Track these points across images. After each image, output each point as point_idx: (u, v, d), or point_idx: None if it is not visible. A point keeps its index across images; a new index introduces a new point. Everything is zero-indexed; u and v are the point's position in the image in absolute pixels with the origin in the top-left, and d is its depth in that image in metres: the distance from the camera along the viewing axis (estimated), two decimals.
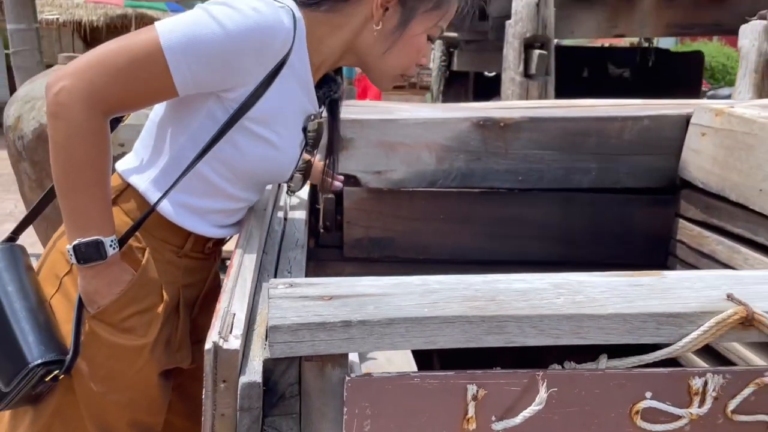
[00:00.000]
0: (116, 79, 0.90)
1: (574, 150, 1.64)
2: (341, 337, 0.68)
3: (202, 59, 0.92)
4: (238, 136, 1.00)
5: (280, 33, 0.94)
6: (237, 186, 1.06)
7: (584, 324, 0.72)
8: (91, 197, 0.94)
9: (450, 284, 0.78)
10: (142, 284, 1.02)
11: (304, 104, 1.08)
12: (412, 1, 1.04)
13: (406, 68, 1.12)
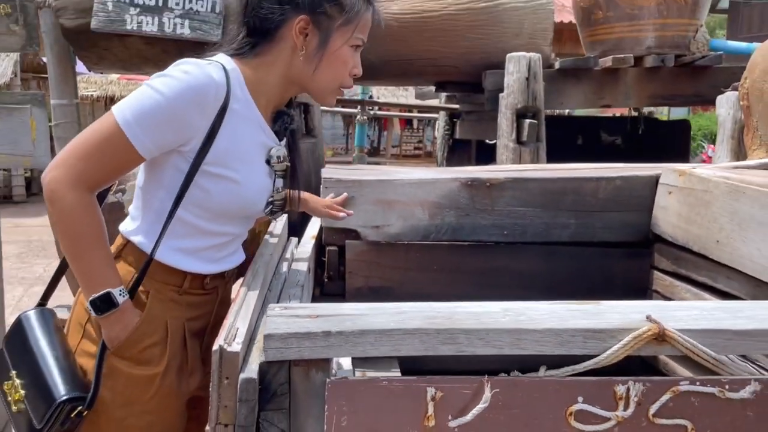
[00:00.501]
0: (91, 161, 1.09)
1: (554, 207, 1.80)
2: (322, 344, 0.85)
3: (153, 125, 1.09)
4: (202, 180, 1.16)
5: (211, 87, 1.11)
6: (217, 222, 1.22)
7: (522, 337, 0.88)
8: (94, 259, 1.12)
9: (418, 308, 0.94)
10: (149, 321, 1.19)
11: (261, 139, 1.22)
12: (324, 22, 1.18)
13: (341, 80, 1.24)
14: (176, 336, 1.23)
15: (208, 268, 1.25)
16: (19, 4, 2.22)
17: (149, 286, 1.21)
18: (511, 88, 2.51)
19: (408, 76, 2.87)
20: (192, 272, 1.23)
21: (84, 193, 1.10)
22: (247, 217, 1.31)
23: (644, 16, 2.70)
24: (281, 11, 1.17)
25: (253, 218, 1.35)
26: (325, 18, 1.18)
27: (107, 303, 1.12)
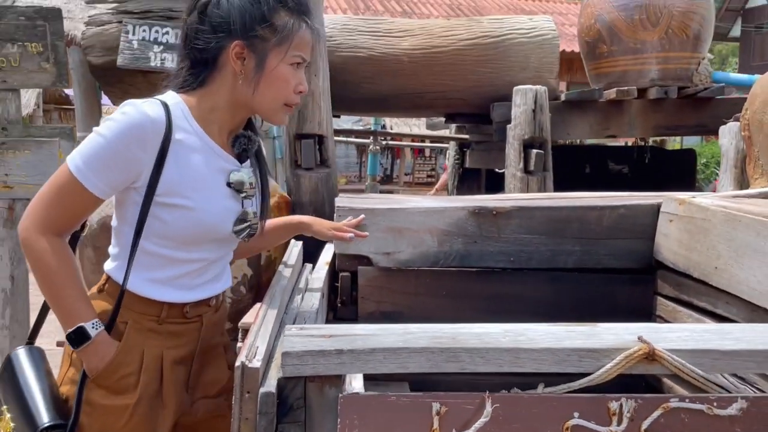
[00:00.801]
0: (54, 208, 1.19)
1: (559, 235, 1.87)
2: (335, 362, 0.92)
3: (101, 166, 1.18)
4: (158, 211, 1.22)
5: (147, 123, 1.18)
6: (184, 250, 1.26)
7: (521, 356, 0.94)
8: (67, 296, 1.20)
9: (424, 329, 1.01)
10: (126, 352, 1.25)
11: (218, 164, 1.27)
12: (259, 44, 1.22)
13: (284, 98, 1.27)
14: (151, 366, 1.27)
15: (185, 296, 1.29)
16: (50, 43, 2.35)
17: (128, 317, 1.27)
18: (518, 119, 2.60)
19: (419, 109, 2.97)
20: (168, 302, 1.27)
21: (52, 238, 1.20)
22: (217, 241, 1.32)
23: (647, 49, 2.79)
24: (216, 39, 1.23)
25: (225, 242, 1.35)
26: (258, 41, 1.23)
27: (81, 336, 1.20)
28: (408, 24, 2.83)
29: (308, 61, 1.31)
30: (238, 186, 1.29)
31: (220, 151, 1.28)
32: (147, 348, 1.27)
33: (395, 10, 15.84)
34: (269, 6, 1.23)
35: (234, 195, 1.30)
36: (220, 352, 1.42)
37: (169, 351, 1.29)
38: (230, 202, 1.29)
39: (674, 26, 2.75)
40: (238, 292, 2.22)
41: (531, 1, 19.74)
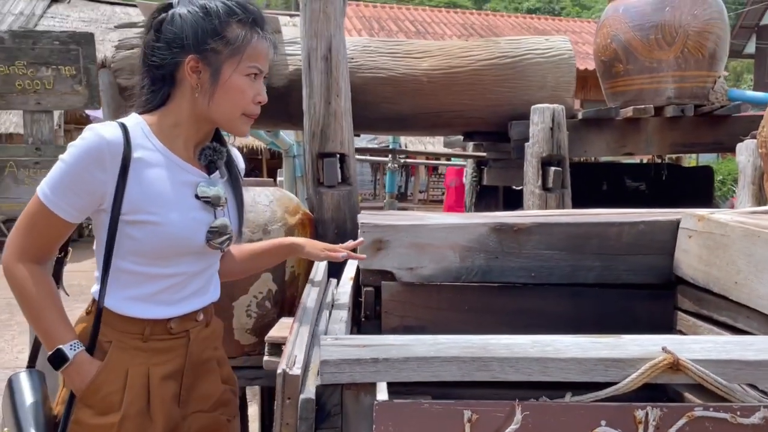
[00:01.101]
0: (28, 236, 1.26)
1: (579, 250, 1.90)
2: (371, 370, 0.96)
3: (65, 191, 1.23)
4: (127, 229, 1.26)
5: (103, 145, 1.22)
6: (159, 265, 1.29)
7: (549, 365, 0.98)
8: (45, 320, 1.27)
9: (454, 340, 1.05)
10: (109, 371, 1.28)
11: (183, 178, 1.30)
12: (212, 57, 1.26)
13: (242, 108, 1.30)
14: (136, 383, 1.29)
15: (167, 312, 1.32)
16: (83, 67, 2.44)
17: (111, 336, 1.30)
18: (536, 137, 2.64)
19: (438, 127, 3.02)
20: (150, 318, 1.30)
21: (30, 265, 1.26)
22: (193, 254, 1.34)
23: (663, 68, 2.83)
24: (171, 55, 1.28)
25: (202, 255, 1.37)
26: (212, 54, 1.27)
27: (59, 358, 1.26)
28: (427, 45, 2.89)
29: (265, 71, 1.34)
30: (205, 197, 1.32)
31: (185, 164, 1.32)
32: (132, 366, 1.29)
33: (409, 30, 16.02)
34: (221, 19, 1.27)
35: (204, 206, 1.33)
36: (213, 366, 1.44)
37: (156, 368, 1.31)
38: (199, 214, 1.32)
39: (690, 46, 2.79)
40: (263, 307, 2.27)
41: (544, 20, 19.88)
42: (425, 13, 18.40)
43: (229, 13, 1.28)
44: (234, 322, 2.24)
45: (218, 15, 1.27)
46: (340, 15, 2.58)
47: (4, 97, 2.36)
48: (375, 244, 1.91)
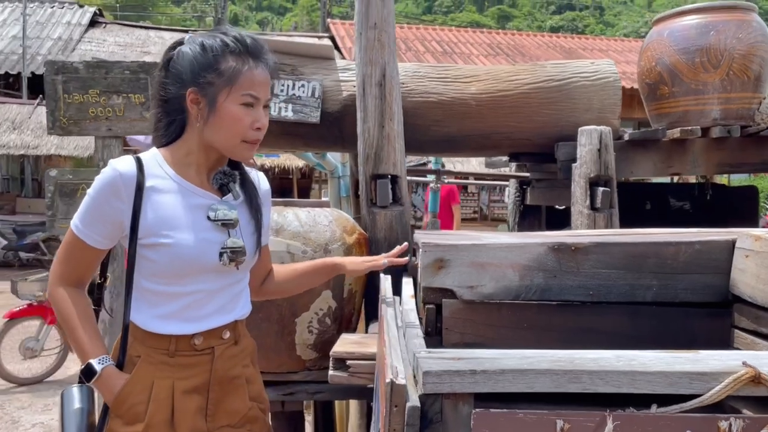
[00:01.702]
0: (65, 263, 1.44)
1: (636, 269, 1.95)
2: (469, 381, 1.03)
3: (91, 220, 1.40)
4: (145, 252, 1.40)
5: (116, 178, 1.37)
6: (179, 284, 1.40)
7: (637, 378, 1.04)
8: (78, 337, 1.41)
9: (541, 354, 1.12)
10: (135, 383, 1.40)
11: (196, 201, 1.42)
12: (208, 88, 1.38)
13: (241, 136, 1.39)
14: (161, 395, 1.39)
15: (190, 328, 1.43)
16: (151, 95, 2.58)
17: (140, 351, 1.42)
18: (584, 158, 2.71)
19: (486, 149, 3.10)
20: (174, 334, 1.41)
21: (67, 288, 1.43)
22: (209, 272, 1.44)
23: (709, 91, 2.88)
24: (176, 89, 1.41)
25: (220, 273, 1.45)
26: (207, 85, 1.39)
27: (89, 371, 1.40)
28: (475, 70, 2.98)
29: (262, 98, 1.42)
30: (217, 219, 1.43)
31: (197, 189, 1.44)
32: (157, 379, 1.40)
33: (436, 50, 16.21)
34: (215, 53, 1.39)
35: (216, 227, 1.43)
36: (242, 383, 1.52)
37: (180, 382, 1.41)
38: (211, 234, 1.42)
39: (735, 68, 2.84)
40: (324, 323, 2.35)
41: (570, 38, 19.96)
42: (451, 34, 18.62)
43: (223, 47, 1.39)
44: (296, 338, 2.32)
45: (213, 49, 1.39)
46: (393, 43, 2.68)
47: (78, 123, 2.50)
48: (436, 263, 1.98)
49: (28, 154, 10.67)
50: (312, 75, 2.82)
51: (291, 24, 38.15)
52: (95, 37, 15.94)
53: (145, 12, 36.53)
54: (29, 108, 11.04)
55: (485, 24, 40.76)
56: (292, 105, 2.76)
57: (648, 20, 42.74)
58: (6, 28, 15.56)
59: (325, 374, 2.37)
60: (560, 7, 53.14)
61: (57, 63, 2.51)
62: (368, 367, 2.07)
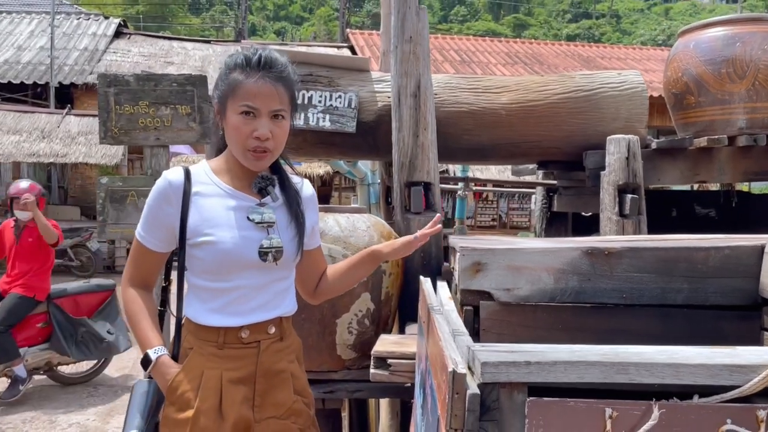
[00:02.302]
0: (132, 266, 1.60)
1: (668, 273, 2.02)
2: (524, 371, 1.12)
3: (150, 227, 1.55)
4: (193, 251, 1.53)
5: (167, 186, 1.53)
6: (224, 280, 1.52)
7: (680, 370, 1.12)
8: (139, 330, 1.56)
9: (588, 348, 1.21)
10: (187, 372, 1.52)
11: (236, 203, 1.54)
12: (221, 102, 1.53)
13: (241, 143, 1.49)
14: (209, 384, 1.50)
15: (236, 321, 1.54)
16: (197, 106, 2.70)
17: (193, 344, 1.55)
18: (612, 166, 2.78)
19: (515, 157, 3.19)
20: (223, 326, 1.52)
21: (134, 288, 1.59)
22: (251, 268, 1.54)
23: (735, 100, 2.94)
24: (211, 105, 1.60)
25: (261, 269, 1.55)
26: (221, 99, 1.54)
27: (146, 360, 1.53)
28: (505, 81, 3.07)
29: (260, 108, 1.49)
30: (256, 219, 1.54)
31: (238, 193, 1.56)
32: (207, 369, 1.51)
33: (454, 59, 16.32)
34: (228, 69, 1.53)
35: (256, 227, 1.54)
36: (287, 377, 1.62)
37: (228, 372, 1.52)
38: (251, 233, 1.53)
39: (761, 78, 2.90)
40: (363, 324, 2.45)
41: (588, 47, 19.96)
42: (469, 43, 18.71)
43: (234, 63, 1.52)
44: (337, 338, 2.42)
45: (228, 65, 1.54)
46: (427, 55, 2.79)
47: (128, 133, 2.62)
48: (474, 266, 2.07)
49: (56, 162, 10.91)
50: (348, 86, 2.93)
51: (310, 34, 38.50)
52: (120, 47, 16.26)
53: (165, 23, 37.10)
54: (57, 117, 11.29)
55: (501, 33, 40.82)
56: (329, 115, 2.87)
57: (665, 28, 42.55)
58: (34, 39, 15.93)
59: (363, 374, 2.47)
60: (576, 16, 53.09)
61: (109, 76, 2.64)
62: (408, 366, 2.16)
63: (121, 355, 5.86)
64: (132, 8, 36.68)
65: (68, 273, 10.72)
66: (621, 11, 54.49)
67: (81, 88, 14.06)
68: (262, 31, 45.81)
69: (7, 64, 14.43)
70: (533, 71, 15.76)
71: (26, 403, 4.74)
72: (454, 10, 51.60)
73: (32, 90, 14.09)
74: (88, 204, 13.65)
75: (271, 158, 1.55)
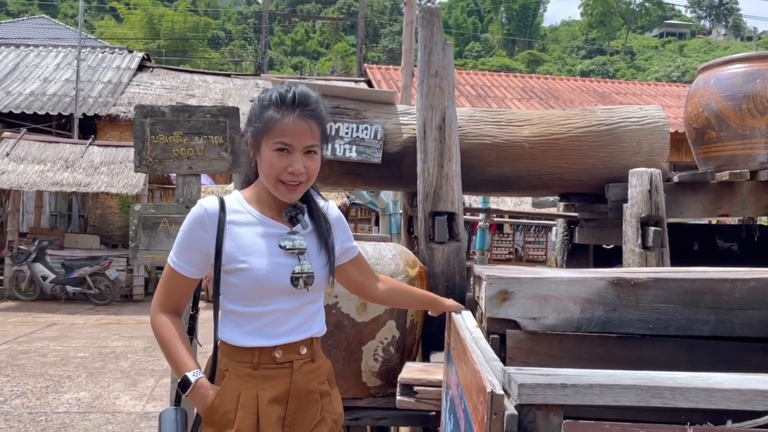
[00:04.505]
0: (164, 293, 1.63)
1: (694, 304, 2.04)
2: (560, 393, 1.15)
3: (184, 252, 1.59)
4: (228, 278, 1.58)
5: (203, 213, 1.57)
6: (258, 304, 1.57)
7: (714, 395, 1.14)
8: (174, 355, 1.58)
9: (621, 373, 1.23)
10: (224, 393, 1.56)
11: (268, 231, 1.60)
12: (255, 136, 1.58)
13: (276, 175, 1.56)
14: (247, 404, 1.55)
15: (271, 342, 1.58)
16: (229, 136, 2.78)
17: (229, 366, 1.59)
18: (635, 199, 2.82)
19: (538, 189, 3.23)
20: (257, 346, 1.57)
21: (165, 315, 1.62)
22: (284, 294, 1.60)
23: (756, 135, 2.98)
24: (241, 136, 1.67)
25: (293, 294, 1.61)
26: (255, 133, 1.59)
27: (185, 382, 1.55)
28: (528, 114, 3.14)
29: (294, 145, 1.56)
30: (287, 247, 1.60)
31: (270, 221, 1.62)
32: (243, 390, 1.55)
33: (470, 93, 16.53)
34: (263, 105, 1.59)
35: (288, 254, 1.60)
36: (316, 398, 1.66)
37: (264, 392, 1.56)
38: (283, 260, 1.59)
39: None
40: (388, 351, 2.47)
41: (603, 83, 20.13)
42: (485, 78, 18.96)
43: (269, 99, 1.59)
44: (362, 365, 2.45)
45: (262, 101, 1.60)
46: (452, 89, 2.87)
47: (162, 162, 2.71)
48: (500, 294, 2.10)
49: (79, 191, 11.11)
50: (374, 118, 3.01)
51: (328, 68, 39.17)
52: (143, 80, 16.65)
53: (186, 56, 37.97)
54: (81, 147, 11.53)
55: (516, 68, 41.27)
56: (356, 146, 2.94)
57: (680, 65, 42.77)
58: (60, 71, 16.38)
59: (388, 401, 2.49)
60: (591, 52, 53.57)
61: (146, 107, 2.73)
62: (434, 393, 2.18)
63: (138, 384, 5.90)
64: (153, 42, 37.64)
65: (87, 301, 10.83)
66: (635, 48, 54.92)
67: (104, 119, 14.39)
68: (279, 65, 46.68)
69: (34, 96, 14.82)
70: (549, 106, 15.89)
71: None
72: (469, 45, 52.33)
73: (57, 121, 14.44)
74: (107, 232, 13.85)
75: (303, 190, 1.64)
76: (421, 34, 2.81)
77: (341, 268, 1.80)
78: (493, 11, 59.36)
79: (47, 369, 6.29)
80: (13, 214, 11.42)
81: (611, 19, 54.89)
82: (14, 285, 10.84)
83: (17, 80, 15.68)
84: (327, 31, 52.09)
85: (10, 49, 17.58)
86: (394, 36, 48.60)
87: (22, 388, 5.63)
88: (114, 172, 10.91)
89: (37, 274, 10.69)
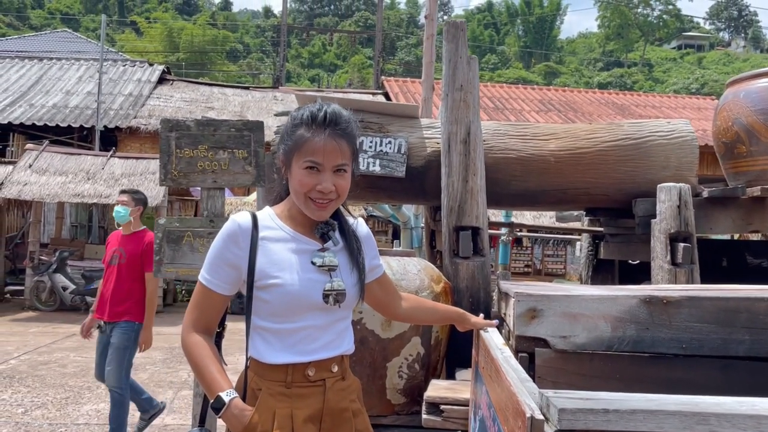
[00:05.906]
0: (195, 311, 1.62)
1: (728, 324, 1.99)
2: (602, 419, 1.11)
3: (214, 268, 1.59)
4: (260, 294, 1.57)
5: (236, 229, 1.57)
6: (289, 321, 1.56)
7: (762, 422, 1.10)
8: (206, 374, 1.56)
9: (663, 398, 1.19)
10: (260, 413, 1.54)
11: (300, 247, 1.59)
12: (286, 154, 1.58)
13: (306, 192, 1.56)
14: (283, 423, 1.53)
15: (303, 358, 1.58)
16: (253, 150, 2.79)
17: (262, 385, 1.57)
18: (663, 214, 2.77)
19: (563, 203, 3.19)
20: (290, 363, 1.55)
21: (197, 334, 1.61)
22: (315, 310, 1.59)
23: None
24: (276, 156, 1.64)
25: (324, 311, 1.61)
26: (286, 151, 1.59)
27: (219, 403, 1.53)
28: (553, 128, 3.11)
29: (324, 164, 1.55)
30: (318, 263, 1.60)
31: (302, 237, 1.62)
32: (278, 409, 1.53)
33: (488, 106, 16.50)
34: (294, 124, 1.59)
35: (319, 270, 1.59)
36: (349, 416, 1.64)
37: (298, 410, 1.55)
38: (315, 276, 1.59)
39: None
40: (413, 368, 2.44)
41: (622, 95, 20.01)
42: (502, 90, 18.93)
43: (301, 118, 1.59)
44: (387, 382, 2.42)
45: (294, 119, 1.61)
46: (477, 103, 2.85)
47: (187, 176, 2.71)
48: (529, 312, 2.06)
49: (100, 202, 11.21)
50: (398, 132, 3.00)
51: (345, 81, 39.40)
52: (163, 93, 16.84)
53: (204, 69, 38.40)
54: (102, 159, 11.66)
55: (532, 80, 41.21)
56: (379, 160, 2.93)
57: (699, 77, 42.41)
58: (81, 84, 16.62)
59: (412, 419, 2.46)
60: (608, 64, 53.35)
61: (171, 121, 2.74)
62: (461, 412, 2.15)
63: (157, 396, 5.89)
64: (173, 55, 38.13)
65: None
66: (653, 60, 54.60)
67: (125, 131, 14.55)
68: (296, 77, 47.04)
69: (56, 108, 15.05)
70: (568, 118, 15.81)
71: None
72: (485, 57, 52.35)
73: (78, 133, 14.64)
74: None
75: (333, 208, 1.63)
76: (445, 47, 2.80)
77: (367, 286, 1.79)
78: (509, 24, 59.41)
79: (67, 380, 6.32)
80: (35, 225, 11.56)
81: (629, 31, 54.69)
82: (35, 295, 10.94)
83: (40, 93, 15.93)
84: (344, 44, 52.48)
85: (34, 62, 17.90)
86: (410, 49, 48.80)
87: (43, 399, 5.66)
88: (134, 184, 11.00)
89: (58, 284, 10.78)
